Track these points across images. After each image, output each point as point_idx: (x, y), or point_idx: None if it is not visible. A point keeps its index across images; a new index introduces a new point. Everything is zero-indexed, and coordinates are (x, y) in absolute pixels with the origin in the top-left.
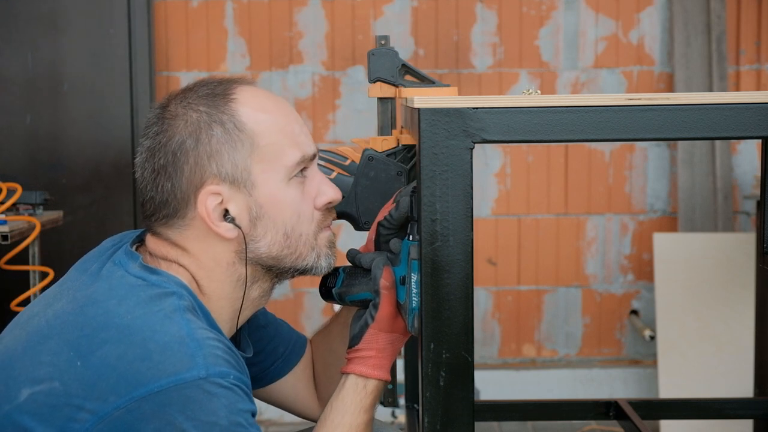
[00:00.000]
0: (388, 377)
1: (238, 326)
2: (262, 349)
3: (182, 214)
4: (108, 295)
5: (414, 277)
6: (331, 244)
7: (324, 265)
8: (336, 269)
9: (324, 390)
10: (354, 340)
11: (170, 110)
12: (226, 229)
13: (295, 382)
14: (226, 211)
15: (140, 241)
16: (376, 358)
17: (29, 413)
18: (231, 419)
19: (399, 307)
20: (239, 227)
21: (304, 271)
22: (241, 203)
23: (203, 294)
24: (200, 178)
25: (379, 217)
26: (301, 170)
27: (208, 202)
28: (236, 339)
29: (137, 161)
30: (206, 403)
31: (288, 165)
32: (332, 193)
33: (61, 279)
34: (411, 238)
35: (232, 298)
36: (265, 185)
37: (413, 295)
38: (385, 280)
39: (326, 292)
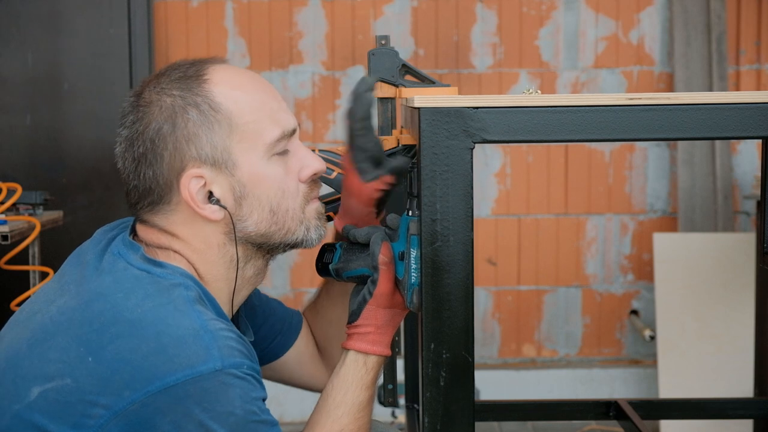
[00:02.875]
0: (389, 352)
1: (235, 307)
2: (259, 329)
3: (167, 200)
4: (114, 289)
5: (413, 253)
6: (320, 216)
7: (314, 237)
8: (333, 245)
9: (330, 359)
10: (353, 317)
11: (144, 97)
12: (212, 210)
13: (298, 357)
14: (211, 193)
15: (133, 230)
16: (375, 333)
17: (41, 411)
18: (245, 408)
19: (397, 283)
20: (225, 208)
21: (295, 245)
22: (224, 184)
23: (202, 278)
24: (181, 162)
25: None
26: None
27: (190, 185)
28: (236, 322)
29: (117, 152)
30: (222, 395)
31: (268, 142)
32: (317, 165)
33: (56, 274)
34: (410, 213)
35: (228, 279)
36: (246, 164)
37: (412, 270)
38: (383, 255)
39: (323, 269)
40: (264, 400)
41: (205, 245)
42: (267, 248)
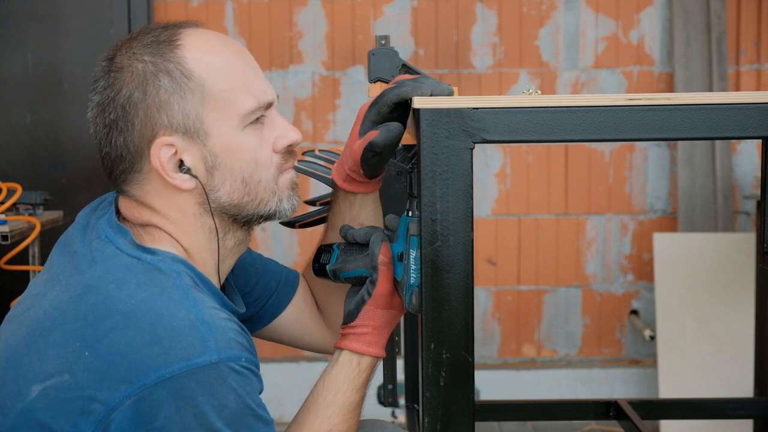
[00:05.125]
0: (383, 354)
1: (223, 276)
2: (254, 287)
3: (138, 168)
4: (106, 280)
5: (413, 254)
6: (294, 186)
7: (287, 208)
8: (330, 246)
9: (332, 319)
10: (349, 317)
11: (116, 62)
12: (182, 180)
13: (298, 315)
14: (181, 162)
15: (117, 210)
16: (372, 335)
17: (42, 409)
18: (240, 402)
19: (396, 284)
20: (195, 177)
21: (268, 217)
22: (195, 153)
23: (187, 252)
24: (151, 130)
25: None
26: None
27: (161, 154)
28: (224, 290)
29: (89, 117)
30: (217, 387)
31: (242, 113)
32: (293, 136)
33: (45, 266)
34: (410, 214)
35: (211, 250)
36: (219, 134)
37: (411, 271)
38: (383, 256)
39: (320, 269)
40: (260, 392)
41: (181, 215)
42: (242, 220)
